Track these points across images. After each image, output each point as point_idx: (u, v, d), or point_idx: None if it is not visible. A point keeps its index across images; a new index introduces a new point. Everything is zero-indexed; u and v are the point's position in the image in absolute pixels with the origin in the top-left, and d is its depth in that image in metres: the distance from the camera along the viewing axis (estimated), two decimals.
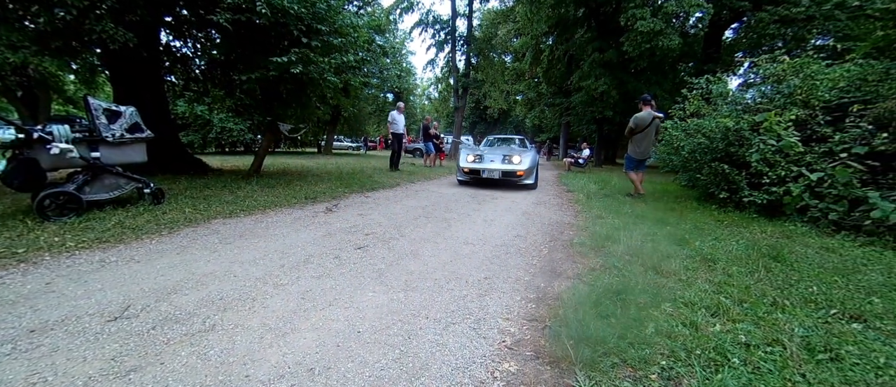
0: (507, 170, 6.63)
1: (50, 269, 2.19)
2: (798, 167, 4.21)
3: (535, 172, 7.02)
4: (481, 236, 3.37)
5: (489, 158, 6.94)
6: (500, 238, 3.35)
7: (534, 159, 7.08)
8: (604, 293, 2.02)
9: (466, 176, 7.17)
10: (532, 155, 7.21)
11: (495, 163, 6.79)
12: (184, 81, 7.68)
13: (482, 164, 6.87)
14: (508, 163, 6.70)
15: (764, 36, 12.52)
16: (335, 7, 5.88)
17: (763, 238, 3.39)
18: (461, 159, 7.21)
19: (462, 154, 7.33)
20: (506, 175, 6.66)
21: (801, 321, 1.76)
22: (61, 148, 3.11)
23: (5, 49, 3.99)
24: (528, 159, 6.76)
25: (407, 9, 24.31)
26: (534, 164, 6.96)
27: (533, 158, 7.07)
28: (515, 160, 6.67)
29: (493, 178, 6.80)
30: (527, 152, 7.17)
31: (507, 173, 6.64)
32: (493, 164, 6.79)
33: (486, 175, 6.77)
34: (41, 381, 1.25)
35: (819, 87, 4.62)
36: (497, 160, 6.84)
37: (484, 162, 6.90)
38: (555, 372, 1.41)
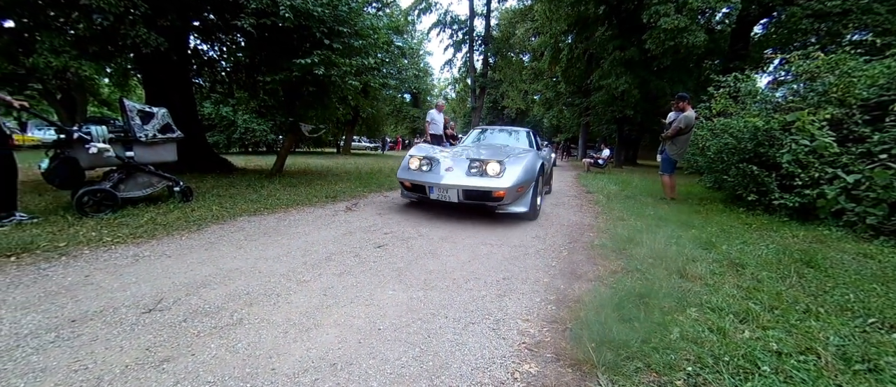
0: (473, 187, 3.67)
1: (88, 262, 2.31)
2: (833, 169, 4.01)
3: (532, 193, 3.98)
4: (499, 237, 3.36)
5: (445, 166, 4.01)
6: (518, 239, 3.33)
7: (530, 169, 3.97)
8: (626, 296, 1.99)
9: (410, 194, 4.36)
10: (529, 161, 4.04)
11: (454, 174, 3.87)
12: (210, 84, 7.95)
13: (429, 175, 3.98)
14: (478, 174, 3.79)
15: (796, 31, 11.96)
16: (356, 9, 5.98)
17: (795, 243, 3.26)
18: (402, 163, 4.38)
19: (406, 157, 4.45)
20: (472, 197, 3.75)
21: (836, 330, 1.68)
22: (99, 148, 3.27)
23: (49, 54, 4.23)
24: (516, 170, 3.78)
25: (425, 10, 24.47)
26: (529, 176, 3.92)
27: (528, 167, 3.95)
28: (491, 170, 3.76)
29: (448, 200, 3.82)
30: (519, 157, 4.07)
31: (473, 193, 3.72)
32: (449, 176, 3.85)
33: (435, 196, 3.88)
34: (82, 368, 1.32)
35: (856, 85, 4.39)
36: (458, 169, 3.92)
37: (434, 172, 4.02)
38: (576, 375, 1.40)
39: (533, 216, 4.08)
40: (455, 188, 3.72)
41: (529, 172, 3.92)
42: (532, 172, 3.99)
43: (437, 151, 4.49)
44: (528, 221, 4.10)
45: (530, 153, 4.33)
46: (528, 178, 3.86)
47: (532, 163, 4.08)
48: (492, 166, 3.78)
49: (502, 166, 3.76)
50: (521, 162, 3.90)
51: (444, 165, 4.03)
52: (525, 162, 3.93)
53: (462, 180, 3.73)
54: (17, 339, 1.47)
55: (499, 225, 3.83)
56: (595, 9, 15.02)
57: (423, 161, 4.19)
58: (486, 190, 3.63)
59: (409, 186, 4.14)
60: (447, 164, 4.03)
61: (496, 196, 3.66)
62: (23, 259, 2.29)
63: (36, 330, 1.54)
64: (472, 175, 3.78)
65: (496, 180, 3.64)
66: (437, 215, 4.17)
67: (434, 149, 4.71)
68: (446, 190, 3.77)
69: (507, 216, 4.19)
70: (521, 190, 3.78)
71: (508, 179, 3.66)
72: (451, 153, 4.44)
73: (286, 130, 7.58)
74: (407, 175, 4.13)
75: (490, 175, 3.71)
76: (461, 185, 3.69)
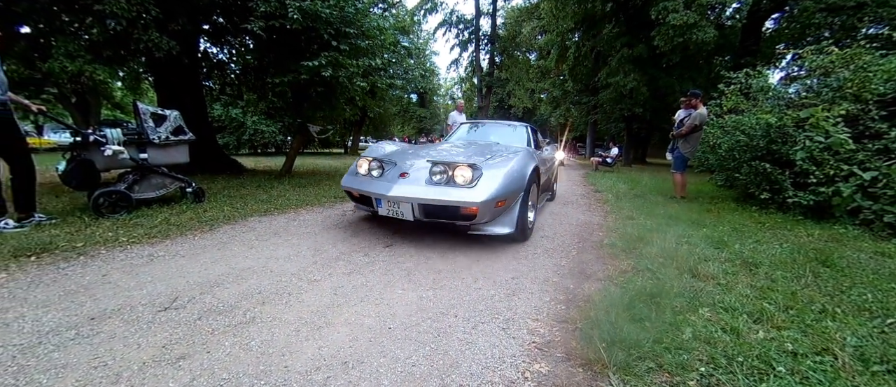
0: (434, 201, 2.66)
1: (105, 261, 2.36)
2: (849, 166, 3.93)
3: (519, 206, 2.98)
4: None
5: (398, 171, 3.05)
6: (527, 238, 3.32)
7: (517, 176, 2.94)
8: (637, 296, 1.97)
9: (362, 207, 3.36)
10: (516, 165, 3.00)
11: (409, 182, 2.87)
12: (220, 86, 8.06)
13: (377, 184, 2.98)
14: (442, 182, 2.78)
15: (809, 26, 11.72)
16: (363, 10, 6.02)
17: (810, 242, 3.20)
18: (351, 167, 3.40)
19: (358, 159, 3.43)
20: (433, 213, 2.77)
21: (853, 330, 1.65)
22: (114, 150, 3.34)
23: (64, 58, 4.33)
24: (496, 177, 2.76)
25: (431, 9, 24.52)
26: (515, 184, 2.89)
27: (514, 172, 2.92)
28: (461, 177, 2.74)
29: (400, 217, 2.85)
30: (502, 160, 3.05)
31: (434, 209, 2.72)
32: (402, 185, 2.85)
33: (384, 211, 2.90)
34: (102, 365, 1.35)
35: (872, 80, 4.29)
36: (417, 176, 2.93)
37: (384, 179, 3.04)
38: (587, 375, 1.39)
39: (521, 237, 3.06)
40: (409, 202, 2.67)
41: (516, 180, 2.86)
42: (520, 178, 2.93)
43: (398, 152, 3.57)
44: (516, 243, 3.08)
45: (519, 154, 3.19)
46: (513, 187, 2.80)
47: (520, 167, 3.00)
48: (462, 172, 2.69)
49: (476, 172, 2.72)
50: (504, 166, 2.86)
51: (398, 169, 3.03)
52: (510, 166, 2.88)
53: (419, 191, 2.68)
54: (39, 336, 1.51)
55: None
56: (602, 6, 14.90)
57: (373, 165, 3.17)
58: (451, 205, 2.57)
59: (357, 194, 3.08)
60: (403, 168, 3.03)
61: (466, 213, 2.62)
62: (43, 259, 2.35)
63: (57, 328, 1.58)
64: (434, 184, 2.72)
65: (466, 192, 2.59)
66: None
67: (399, 148, 3.79)
68: (397, 204, 2.73)
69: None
70: (503, 204, 2.73)
71: (484, 189, 2.60)
72: (416, 153, 3.47)
73: (295, 131, 7.65)
74: (352, 183, 3.11)
75: (459, 184, 2.66)
76: (417, 197, 2.64)
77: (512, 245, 3.08)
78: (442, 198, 2.62)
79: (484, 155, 3.25)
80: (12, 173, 3.02)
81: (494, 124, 5.15)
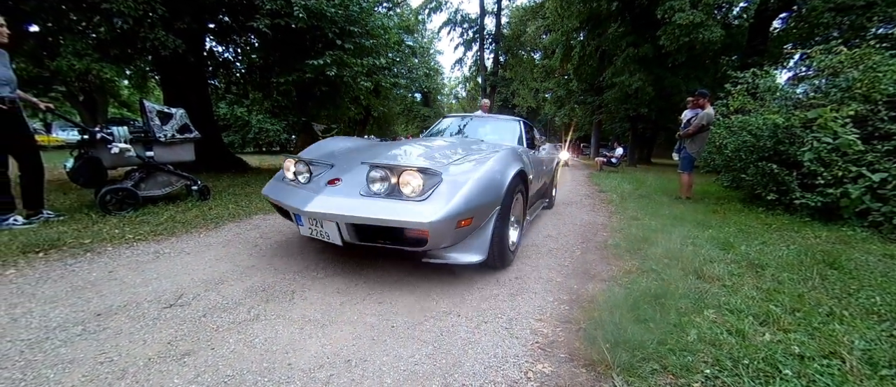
0: (368, 219, 1.88)
1: (112, 258, 2.38)
2: (857, 167, 3.88)
3: (493, 224, 2.22)
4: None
5: (329, 176, 2.32)
6: (530, 238, 3.31)
7: (489, 184, 2.14)
8: (641, 297, 1.96)
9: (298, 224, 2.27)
10: (490, 170, 2.21)
11: (338, 193, 2.08)
12: (225, 85, 8.11)
13: (297, 194, 2.22)
14: (382, 194, 1.99)
15: (817, 25, 11.58)
16: (367, 9, 6.02)
17: (817, 243, 3.17)
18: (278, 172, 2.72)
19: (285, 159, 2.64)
20: (368, 235, 2.06)
21: (861, 333, 1.63)
22: (121, 148, 3.37)
23: (72, 57, 4.38)
24: (459, 186, 1.98)
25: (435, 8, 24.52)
26: (486, 195, 2.10)
27: (485, 180, 2.12)
28: (408, 186, 1.95)
29: (325, 239, 2.12)
30: (471, 164, 2.27)
31: (369, 230, 2.03)
32: (327, 196, 2.06)
33: (305, 230, 2.18)
34: (108, 360, 1.36)
35: (882, 80, 4.23)
36: (349, 184, 2.16)
37: (309, 187, 2.28)
38: (591, 375, 1.39)
39: (499, 264, 2.37)
40: (334, 219, 1.93)
41: (488, 189, 2.11)
42: (494, 187, 2.17)
43: (345, 151, 2.87)
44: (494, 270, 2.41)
45: (497, 155, 2.37)
46: (484, 199, 2.06)
47: (497, 172, 2.24)
48: (409, 179, 1.93)
49: (431, 178, 1.96)
50: (473, 171, 2.12)
51: (332, 174, 2.31)
52: (482, 171, 2.14)
53: (347, 205, 1.93)
54: (47, 331, 1.53)
55: None
56: (608, 5, 14.80)
57: (299, 167, 2.40)
58: (392, 225, 1.84)
59: (277, 204, 2.37)
60: (337, 172, 2.31)
61: (414, 236, 1.94)
62: (50, 255, 2.37)
63: (64, 323, 1.59)
64: (370, 195, 1.97)
65: (414, 207, 1.85)
66: None
67: (353, 146, 3.07)
68: (319, 222, 2.02)
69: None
70: (469, 222, 1.99)
71: (439, 203, 1.86)
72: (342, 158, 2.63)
73: (299, 129, 7.69)
74: (272, 191, 2.43)
75: (405, 196, 1.92)
76: (343, 213, 1.90)
77: (518, 243, 3.06)
78: (378, 216, 1.83)
79: (450, 156, 2.52)
80: (21, 170, 3.05)
81: (482, 118, 4.43)
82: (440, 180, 1.99)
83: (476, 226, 2.13)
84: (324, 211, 1.96)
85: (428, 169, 1.99)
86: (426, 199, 1.89)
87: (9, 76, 2.89)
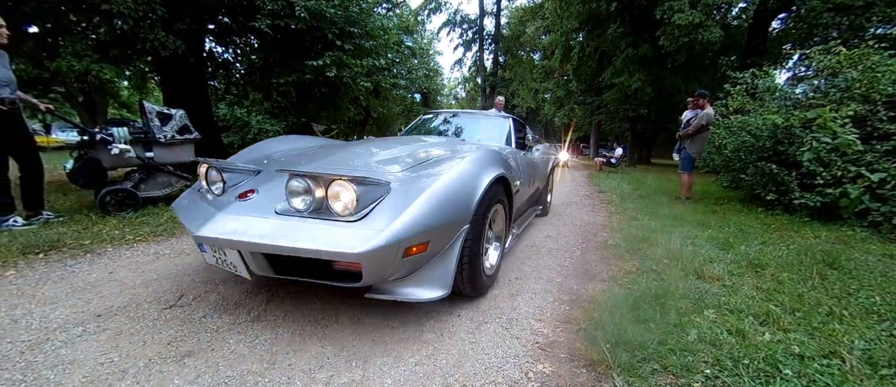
0: (279, 248, 1.35)
1: (112, 259, 2.38)
2: (856, 167, 3.88)
3: (459, 249, 1.70)
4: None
5: (243, 187, 1.78)
6: (530, 238, 3.31)
7: (450, 198, 1.62)
8: (641, 297, 1.96)
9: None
10: (454, 180, 1.68)
11: (247, 209, 1.55)
12: (225, 85, 8.12)
13: (199, 212, 1.69)
14: (305, 213, 1.45)
15: (816, 26, 11.60)
16: (367, 10, 6.03)
17: (817, 243, 3.17)
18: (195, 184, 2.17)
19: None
20: (285, 268, 1.56)
21: (861, 333, 1.64)
22: (120, 148, 3.37)
23: (71, 57, 4.38)
24: (409, 202, 1.48)
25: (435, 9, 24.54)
26: (445, 214, 1.57)
27: (444, 193, 1.59)
28: (339, 204, 1.44)
29: (232, 270, 1.59)
30: (434, 172, 1.72)
31: (286, 262, 1.54)
32: (233, 215, 1.52)
33: (209, 258, 1.65)
34: (108, 361, 1.36)
35: (881, 80, 4.24)
36: (267, 196, 1.63)
37: (217, 202, 1.71)
38: (591, 375, 1.39)
39: (468, 293, 1.93)
40: (234, 246, 1.45)
41: (450, 203, 1.63)
42: (460, 200, 1.69)
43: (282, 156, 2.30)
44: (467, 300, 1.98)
45: (467, 159, 1.88)
46: (444, 217, 1.59)
47: (464, 182, 1.75)
48: (339, 192, 1.47)
49: (372, 191, 1.51)
50: (430, 181, 1.64)
51: (247, 185, 1.80)
52: (444, 182, 1.65)
53: (254, 228, 1.45)
54: (47, 332, 1.53)
55: None
56: (607, 5, 14.82)
57: (212, 175, 1.88)
58: (312, 255, 1.35)
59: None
60: (254, 183, 1.81)
61: (344, 269, 1.55)
62: (50, 256, 2.37)
63: (64, 324, 1.59)
64: (289, 214, 1.50)
65: (342, 230, 1.39)
66: None
67: (295, 148, 2.58)
68: (222, 249, 1.54)
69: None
70: (424, 248, 1.54)
71: (376, 225, 1.40)
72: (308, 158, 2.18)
73: (299, 130, 7.69)
74: (180, 206, 1.96)
75: (336, 214, 1.45)
76: (244, 240, 1.42)
77: (518, 243, 3.06)
78: (290, 243, 1.33)
79: (409, 160, 1.96)
80: (21, 171, 3.05)
81: (465, 115, 3.96)
82: (386, 193, 1.51)
83: (435, 251, 1.62)
84: (219, 235, 1.41)
85: (366, 178, 1.46)
86: (362, 218, 1.40)
87: (9, 77, 2.90)
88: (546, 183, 4.17)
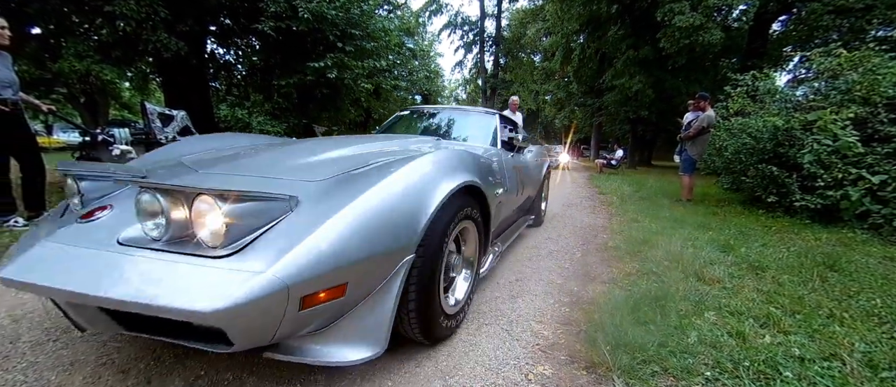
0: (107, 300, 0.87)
1: None
2: (857, 169, 3.89)
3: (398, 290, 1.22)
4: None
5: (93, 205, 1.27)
6: (530, 240, 3.32)
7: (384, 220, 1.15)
8: (642, 299, 1.96)
9: None
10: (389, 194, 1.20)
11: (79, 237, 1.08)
12: (227, 87, 8.15)
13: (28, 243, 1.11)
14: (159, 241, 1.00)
15: (817, 28, 11.62)
16: (368, 11, 6.06)
17: (817, 246, 3.17)
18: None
19: None
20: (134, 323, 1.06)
21: (862, 336, 1.63)
22: (122, 149, 3.39)
23: (73, 58, 4.40)
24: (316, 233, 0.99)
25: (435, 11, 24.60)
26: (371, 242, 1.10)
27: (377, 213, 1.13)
28: (206, 231, 0.97)
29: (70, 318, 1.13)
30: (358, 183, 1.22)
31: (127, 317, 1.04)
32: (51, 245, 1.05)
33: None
34: (110, 362, 1.37)
35: (881, 82, 4.25)
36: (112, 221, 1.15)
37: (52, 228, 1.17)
38: (591, 377, 1.39)
39: (420, 341, 1.49)
40: (45, 294, 1.02)
41: (382, 226, 1.15)
42: (399, 221, 1.22)
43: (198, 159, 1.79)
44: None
45: (415, 163, 1.38)
46: (368, 246, 1.10)
47: (408, 194, 1.28)
48: (203, 213, 0.98)
49: (252, 213, 1.01)
50: (350, 197, 1.14)
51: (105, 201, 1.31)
52: (369, 198, 1.15)
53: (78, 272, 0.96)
54: (48, 334, 1.53)
55: None
56: (607, 8, 14.84)
57: (70, 188, 1.35)
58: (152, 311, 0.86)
59: None
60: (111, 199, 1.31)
61: (200, 328, 1.02)
62: None
63: (66, 325, 1.60)
64: (135, 247, 1.01)
65: (200, 273, 0.91)
66: None
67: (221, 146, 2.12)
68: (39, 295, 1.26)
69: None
70: (333, 294, 1.07)
71: (253, 265, 0.92)
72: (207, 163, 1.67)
73: (300, 132, 7.71)
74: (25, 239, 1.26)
75: (205, 244, 0.97)
76: (59, 288, 0.92)
77: (518, 245, 3.06)
78: (114, 295, 0.89)
79: (339, 165, 1.43)
80: (22, 172, 3.06)
81: (447, 112, 3.48)
82: (286, 212, 1.05)
83: (357, 296, 1.16)
84: (16, 277, 0.97)
85: (250, 193, 1.02)
86: (236, 253, 0.95)
87: (11, 78, 2.91)
88: (540, 189, 3.73)
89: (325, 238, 1.00)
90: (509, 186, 2.38)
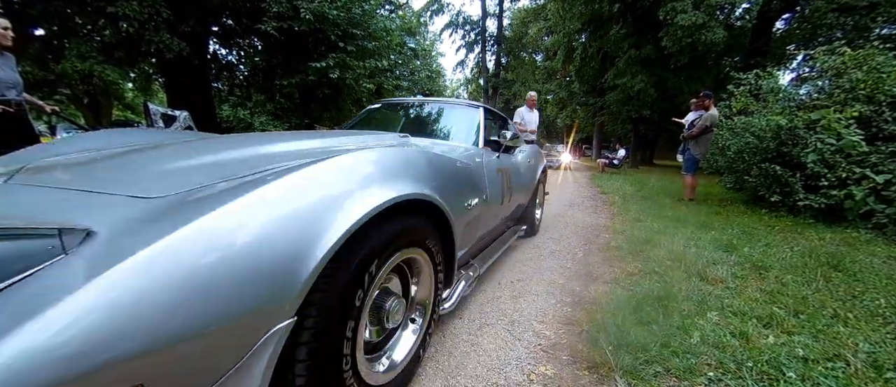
0: None
1: None
2: (861, 168, 3.86)
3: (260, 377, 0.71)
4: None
5: None
6: (532, 240, 3.31)
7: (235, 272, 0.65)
8: (644, 299, 1.96)
9: None
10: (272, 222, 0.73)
11: None
12: (229, 87, 8.17)
13: None
14: None
15: (820, 26, 11.55)
16: (369, 11, 6.06)
17: (821, 245, 3.15)
18: None
19: None
20: None
21: (866, 336, 1.62)
22: None
23: (76, 59, 4.42)
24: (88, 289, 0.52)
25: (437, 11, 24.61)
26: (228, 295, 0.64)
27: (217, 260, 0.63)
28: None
29: None
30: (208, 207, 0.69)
31: None
32: None
33: None
34: None
35: (886, 81, 4.22)
36: None
37: None
38: (593, 377, 1.38)
39: None
40: None
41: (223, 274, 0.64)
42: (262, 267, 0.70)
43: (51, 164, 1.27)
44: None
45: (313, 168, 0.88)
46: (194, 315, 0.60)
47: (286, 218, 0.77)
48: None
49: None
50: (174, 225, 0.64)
51: None
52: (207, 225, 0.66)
53: None
54: None
55: None
56: (610, 6, 14.80)
57: None
58: None
59: None
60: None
61: None
62: None
63: None
64: None
65: None
66: None
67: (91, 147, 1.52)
68: None
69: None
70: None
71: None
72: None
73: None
74: None
75: None
76: None
77: (519, 246, 3.06)
78: None
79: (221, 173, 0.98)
80: None
81: (425, 106, 2.89)
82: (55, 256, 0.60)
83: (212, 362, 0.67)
84: None
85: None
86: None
87: (15, 79, 2.93)
88: (533, 195, 3.21)
89: (102, 303, 0.54)
90: (491, 195, 1.98)
